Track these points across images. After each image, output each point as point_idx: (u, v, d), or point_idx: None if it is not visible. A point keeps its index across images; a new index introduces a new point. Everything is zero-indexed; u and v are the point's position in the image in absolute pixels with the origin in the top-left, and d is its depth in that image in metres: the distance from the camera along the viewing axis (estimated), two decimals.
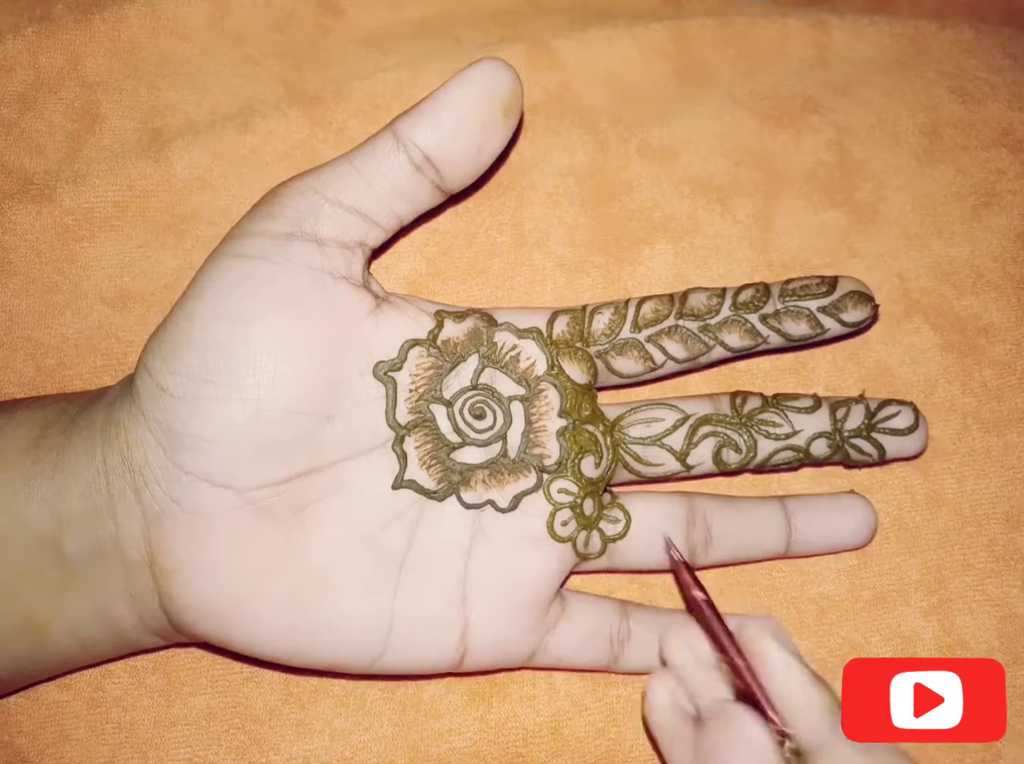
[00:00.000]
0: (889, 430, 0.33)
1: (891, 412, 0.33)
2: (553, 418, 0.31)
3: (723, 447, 0.32)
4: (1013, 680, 0.33)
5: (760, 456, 0.32)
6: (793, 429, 0.32)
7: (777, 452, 0.32)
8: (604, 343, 0.32)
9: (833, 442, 0.32)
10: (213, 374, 0.28)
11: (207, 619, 0.29)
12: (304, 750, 0.33)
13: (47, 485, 0.29)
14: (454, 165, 0.29)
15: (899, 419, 0.33)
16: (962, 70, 0.39)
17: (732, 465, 0.33)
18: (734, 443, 0.32)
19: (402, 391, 0.30)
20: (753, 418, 0.32)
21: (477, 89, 0.29)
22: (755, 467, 0.33)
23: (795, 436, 0.32)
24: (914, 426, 0.33)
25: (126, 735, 0.33)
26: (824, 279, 0.32)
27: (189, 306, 0.29)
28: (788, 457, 0.33)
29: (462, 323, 0.31)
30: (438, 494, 0.30)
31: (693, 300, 0.32)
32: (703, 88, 0.38)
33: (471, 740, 0.33)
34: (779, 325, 0.32)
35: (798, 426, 0.32)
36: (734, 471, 0.33)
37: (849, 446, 0.33)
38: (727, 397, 0.33)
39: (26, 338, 0.35)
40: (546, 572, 0.31)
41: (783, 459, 0.33)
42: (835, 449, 0.33)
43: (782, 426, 0.32)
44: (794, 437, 0.32)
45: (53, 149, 0.36)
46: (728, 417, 0.32)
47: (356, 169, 0.29)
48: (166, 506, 0.28)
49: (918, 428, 0.33)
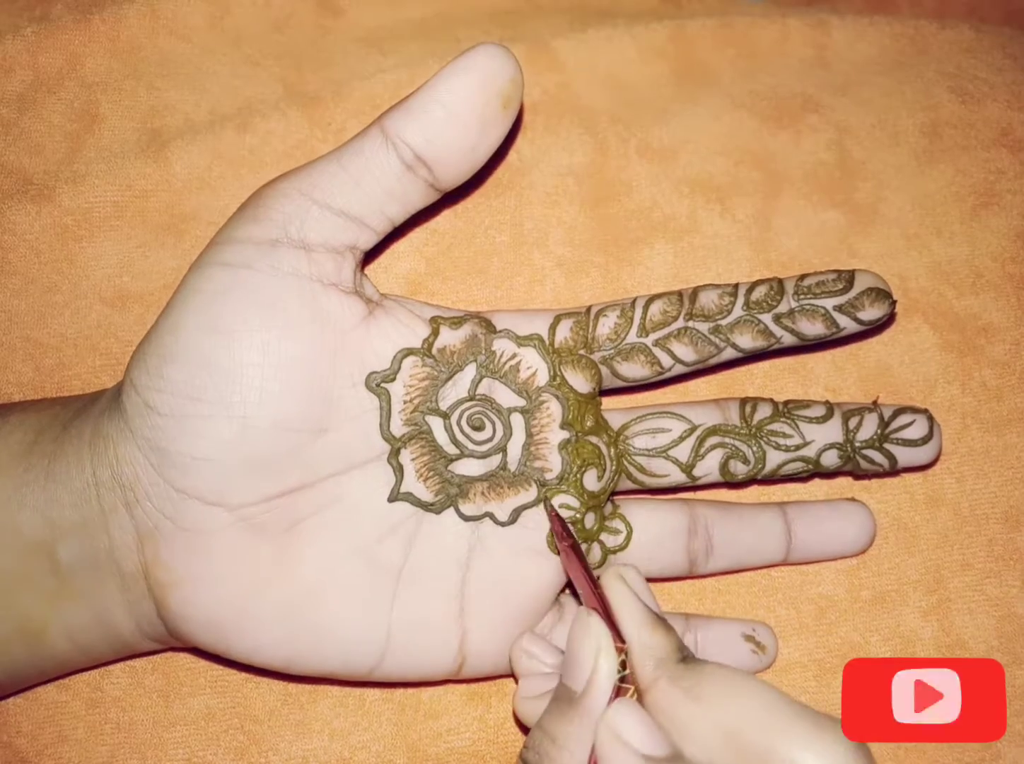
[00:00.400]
0: (902, 441, 0.32)
1: (905, 421, 0.32)
2: (555, 430, 0.30)
3: (731, 458, 0.31)
4: (1012, 680, 0.33)
5: (769, 468, 0.32)
6: (804, 440, 0.31)
7: (786, 463, 0.32)
8: (609, 348, 0.31)
9: (844, 453, 0.31)
10: (199, 390, 0.27)
11: (205, 630, 0.29)
12: (303, 750, 0.33)
13: (39, 493, 0.29)
14: (448, 164, 0.28)
15: (913, 429, 0.32)
16: (962, 70, 0.39)
17: (740, 476, 0.32)
18: (742, 454, 0.31)
19: (396, 402, 0.29)
20: (763, 429, 0.31)
21: (473, 79, 0.27)
22: (763, 478, 0.32)
23: (805, 447, 0.31)
24: (928, 436, 0.32)
25: (125, 735, 0.33)
26: (840, 274, 0.31)
27: (173, 318, 0.28)
28: (798, 468, 0.32)
29: (459, 330, 0.30)
30: (435, 506, 0.30)
31: (703, 299, 0.31)
32: (703, 88, 0.38)
33: (470, 740, 0.33)
34: (793, 325, 0.31)
35: (809, 437, 0.31)
36: (741, 482, 0.32)
37: (860, 457, 0.32)
38: (736, 404, 0.32)
39: (25, 338, 0.35)
40: (544, 583, 0.31)
41: (792, 470, 0.32)
42: (846, 460, 0.32)
43: (792, 437, 0.31)
44: (804, 448, 0.31)
45: (52, 149, 0.36)
46: (737, 428, 0.31)
47: (344, 169, 0.28)
48: (159, 522, 0.28)
49: (932, 438, 0.32)
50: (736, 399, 0.33)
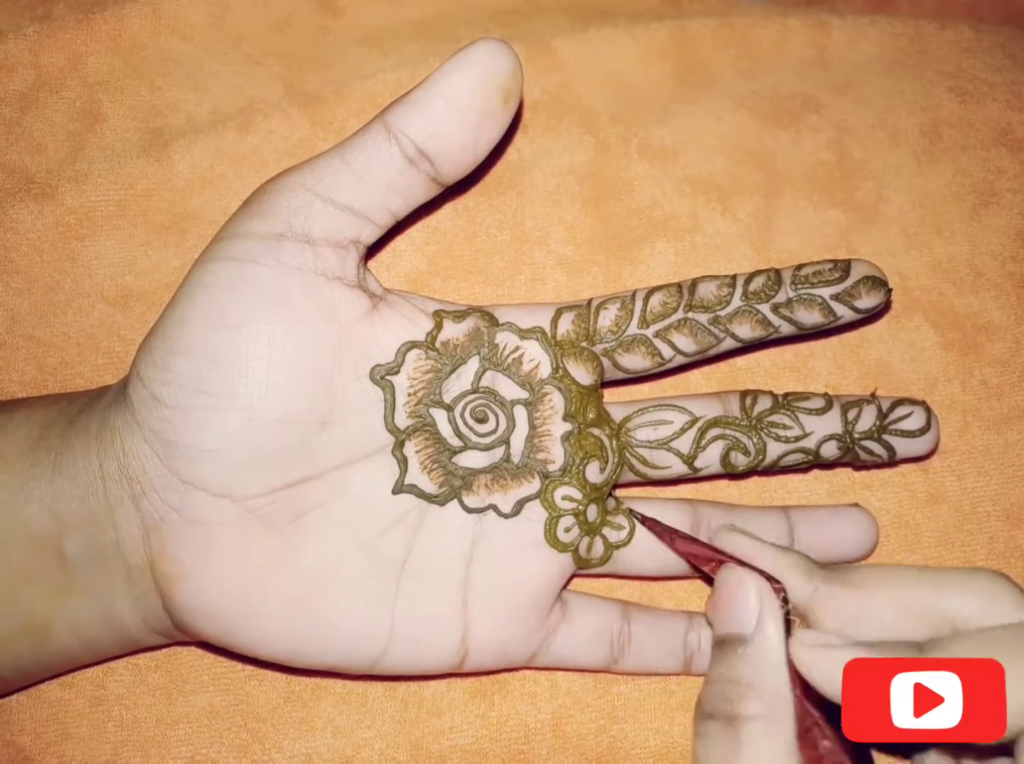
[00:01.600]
0: (900, 432, 0.32)
1: (903, 413, 0.32)
2: (557, 422, 0.30)
3: (732, 450, 0.32)
4: None
5: (769, 458, 0.32)
6: (803, 431, 0.32)
7: (787, 454, 0.32)
8: (611, 340, 0.31)
9: (844, 444, 0.32)
10: (206, 383, 0.27)
11: (210, 622, 0.29)
12: (306, 748, 0.33)
13: (46, 488, 0.29)
14: (450, 157, 0.28)
15: (911, 420, 0.32)
16: (961, 70, 0.39)
17: (740, 468, 0.32)
18: (743, 446, 0.32)
19: (401, 395, 0.30)
20: (763, 420, 0.32)
21: (474, 74, 0.28)
22: (763, 469, 0.32)
23: (805, 438, 0.32)
24: (926, 427, 0.32)
25: (128, 733, 0.33)
26: (837, 263, 0.31)
27: (179, 312, 0.28)
28: (798, 459, 0.32)
29: (462, 323, 0.30)
30: (439, 498, 0.30)
31: (702, 290, 0.31)
32: (703, 88, 0.38)
33: (473, 737, 0.33)
34: (791, 314, 0.31)
35: (808, 428, 0.32)
36: (742, 473, 0.33)
37: (859, 448, 0.32)
38: (736, 396, 0.32)
39: (28, 337, 0.35)
40: (547, 576, 0.31)
41: (792, 461, 0.32)
42: (845, 451, 0.32)
43: (792, 428, 0.32)
44: (804, 439, 0.32)
45: (55, 148, 0.36)
46: (737, 419, 0.32)
47: (347, 163, 0.28)
48: (165, 514, 0.28)
49: (930, 429, 0.32)
50: (736, 392, 0.33)
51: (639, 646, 0.32)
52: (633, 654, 0.32)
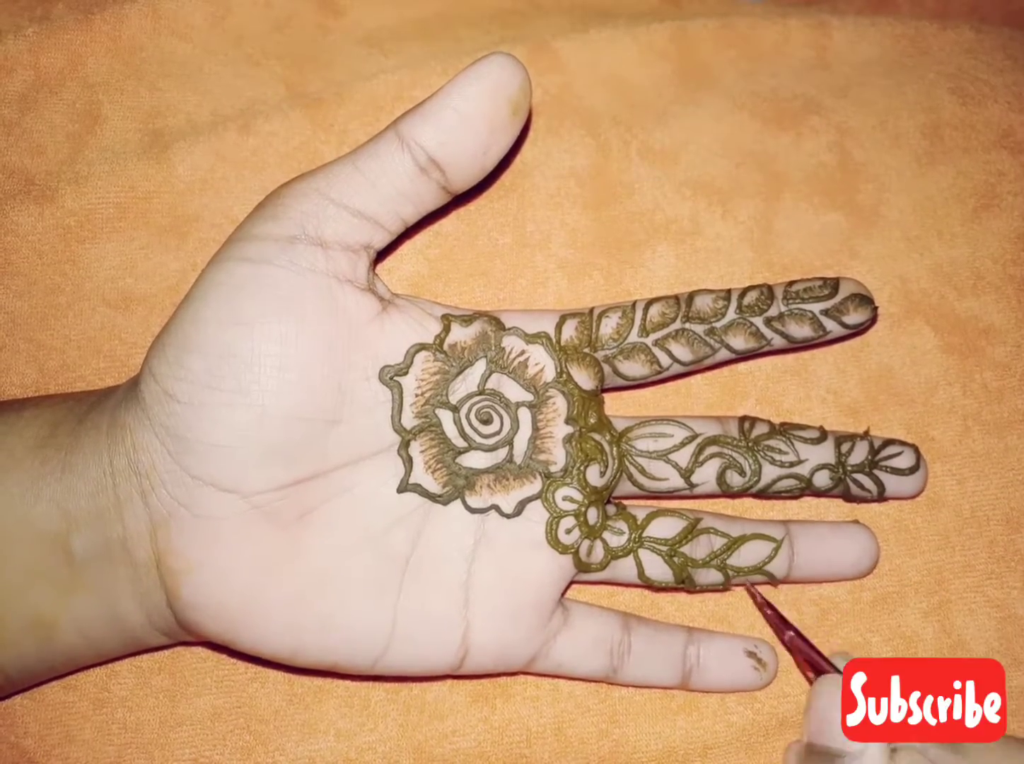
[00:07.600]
0: (891, 469, 0.33)
1: (894, 451, 0.33)
2: (560, 425, 0.31)
3: (728, 469, 0.33)
4: (1012, 681, 0.33)
5: (764, 481, 0.33)
6: (798, 458, 0.33)
7: (780, 478, 0.33)
8: (612, 347, 0.32)
9: (836, 474, 0.33)
10: (218, 379, 0.28)
11: (214, 619, 0.29)
12: (309, 750, 0.33)
13: (55, 485, 0.29)
14: (460, 166, 0.29)
15: (901, 459, 0.33)
16: (963, 71, 0.39)
17: (735, 487, 0.33)
18: (739, 466, 0.32)
19: (408, 396, 0.30)
20: (760, 443, 0.33)
21: (484, 86, 0.28)
22: (757, 491, 0.33)
23: (799, 465, 0.33)
24: (915, 467, 0.33)
25: (132, 735, 0.33)
26: (826, 281, 0.32)
27: (193, 310, 0.28)
28: (791, 485, 0.33)
29: (469, 327, 0.31)
30: (443, 498, 0.31)
31: (699, 302, 0.32)
32: (704, 89, 0.38)
33: (475, 741, 0.33)
34: (783, 327, 0.32)
35: (803, 455, 0.33)
36: (736, 493, 0.33)
37: (851, 480, 0.33)
38: (735, 421, 0.33)
39: (28, 340, 0.35)
40: (548, 578, 0.31)
41: (786, 486, 0.33)
42: (837, 481, 0.33)
43: (787, 454, 0.33)
44: (798, 466, 0.33)
45: (54, 150, 0.36)
46: (735, 440, 0.33)
47: (360, 170, 0.29)
48: (173, 509, 0.28)
49: (919, 469, 0.33)
50: (736, 418, 0.33)
51: (638, 659, 0.32)
52: (632, 665, 0.32)
